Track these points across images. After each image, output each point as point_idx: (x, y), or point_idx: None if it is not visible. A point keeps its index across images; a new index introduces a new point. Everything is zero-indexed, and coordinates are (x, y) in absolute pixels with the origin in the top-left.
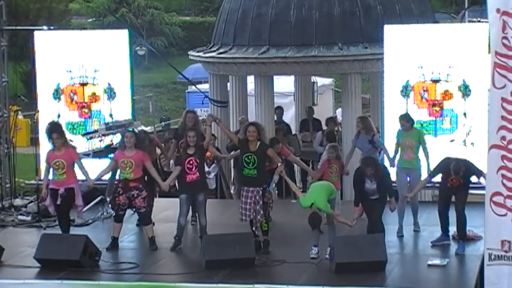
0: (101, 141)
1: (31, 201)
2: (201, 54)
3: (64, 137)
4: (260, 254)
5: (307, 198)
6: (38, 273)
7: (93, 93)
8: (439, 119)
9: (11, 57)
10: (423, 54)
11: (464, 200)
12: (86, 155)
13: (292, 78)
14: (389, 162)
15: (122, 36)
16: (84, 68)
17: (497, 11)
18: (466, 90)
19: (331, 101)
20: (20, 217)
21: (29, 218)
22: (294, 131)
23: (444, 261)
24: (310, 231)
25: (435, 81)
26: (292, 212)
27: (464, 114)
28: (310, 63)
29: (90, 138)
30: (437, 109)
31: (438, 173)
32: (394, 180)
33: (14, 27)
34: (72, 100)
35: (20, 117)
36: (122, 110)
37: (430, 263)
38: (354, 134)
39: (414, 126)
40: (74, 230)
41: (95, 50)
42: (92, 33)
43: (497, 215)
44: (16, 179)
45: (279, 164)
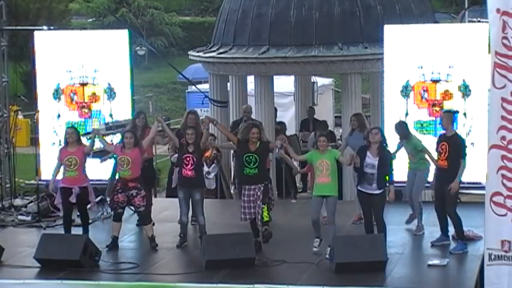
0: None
1: (31, 201)
2: (201, 54)
3: (78, 134)
4: (260, 254)
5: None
6: (38, 273)
7: (93, 93)
8: (439, 119)
9: (11, 57)
10: (423, 54)
11: (451, 202)
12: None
13: (292, 78)
14: None
15: (122, 36)
16: (84, 68)
17: (497, 11)
18: (466, 90)
19: (331, 101)
20: (20, 217)
21: (29, 218)
22: (294, 131)
23: (444, 261)
24: (310, 231)
25: (435, 81)
26: (292, 212)
27: (464, 114)
28: (310, 63)
29: (90, 139)
30: (437, 109)
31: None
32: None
33: (14, 27)
34: (72, 100)
35: (20, 117)
36: (121, 110)
37: (430, 263)
38: None
39: (411, 135)
40: (74, 230)
41: (95, 50)
42: (92, 33)
43: (497, 215)
44: (16, 179)
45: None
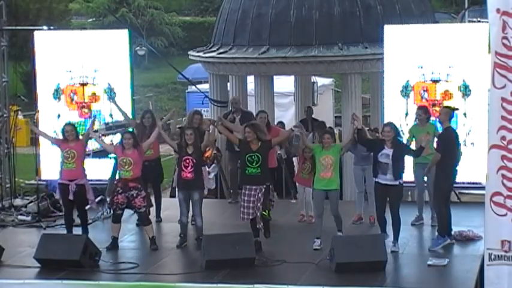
0: None
1: (31, 201)
2: (201, 54)
3: (77, 131)
4: (260, 254)
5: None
6: (38, 273)
7: (93, 93)
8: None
9: (11, 57)
10: (423, 54)
11: (441, 196)
12: (86, 155)
13: (292, 78)
14: None
15: (122, 36)
16: (84, 68)
17: (497, 11)
18: (466, 90)
19: (331, 101)
20: (20, 217)
21: (29, 218)
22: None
23: (444, 261)
24: (310, 230)
25: (435, 81)
26: (292, 212)
27: (464, 114)
28: (310, 63)
29: (90, 138)
30: (437, 109)
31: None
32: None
33: (14, 27)
34: (72, 100)
35: (20, 117)
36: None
37: (430, 263)
38: None
39: (430, 121)
40: (74, 230)
41: (95, 50)
42: (92, 33)
43: (497, 215)
44: (16, 179)
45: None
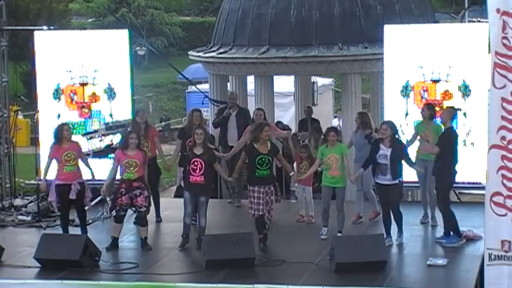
0: (101, 141)
1: (31, 201)
2: (201, 54)
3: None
4: (260, 254)
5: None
6: (38, 273)
7: (93, 93)
8: (439, 119)
9: (11, 57)
10: (423, 54)
11: (442, 195)
12: (86, 155)
13: (292, 78)
14: None
15: (122, 36)
16: (84, 68)
17: (497, 11)
18: (466, 90)
19: (331, 101)
20: (20, 217)
21: (29, 218)
22: (294, 130)
23: (444, 261)
24: (310, 230)
25: (435, 81)
26: (292, 212)
27: (464, 114)
28: (310, 63)
29: (90, 138)
30: (438, 109)
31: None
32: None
33: (14, 27)
34: (72, 100)
35: (20, 117)
36: (121, 110)
37: (430, 263)
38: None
39: (434, 118)
40: (73, 230)
41: (95, 50)
42: (92, 33)
43: (497, 215)
44: (16, 179)
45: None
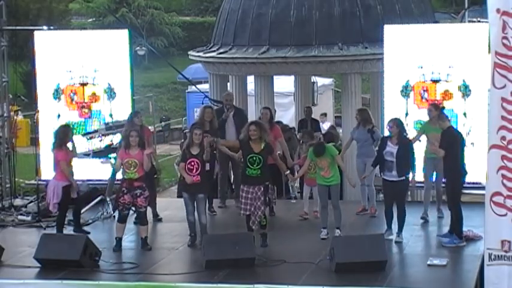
0: (101, 141)
1: (31, 201)
2: (201, 54)
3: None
4: (260, 255)
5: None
6: (38, 273)
7: (93, 93)
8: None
9: (11, 57)
10: (423, 54)
11: (452, 195)
12: (86, 155)
13: (292, 78)
14: None
15: (122, 36)
16: (84, 68)
17: (497, 11)
18: (466, 90)
19: (331, 101)
20: (20, 217)
21: (29, 218)
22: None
23: (444, 261)
24: (310, 231)
25: (435, 81)
26: (292, 212)
27: (464, 114)
28: (310, 63)
29: (90, 138)
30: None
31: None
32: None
33: (14, 27)
34: (72, 100)
35: (20, 117)
36: (121, 110)
37: (430, 263)
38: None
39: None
40: (67, 230)
41: (95, 50)
42: (92, 33)
43: (497, 215)
44: (16, 179)
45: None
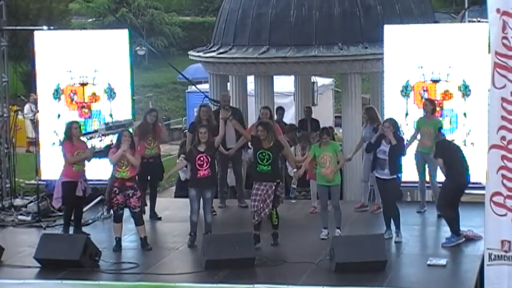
0: (101, 141)
1: (31, 201)
2: (201, 54)
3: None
4: (268, 247)
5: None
6: (38, 273)
7: (93, 93)
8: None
9: (11, 57)
10: (423, 54)
11: (442, 198)
12: None
13: (292, 78)
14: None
15: (122, 36)
16: (84, 68)
17: (497, 11)
18: (466, 90)
19: (331, 101)
20: (20, 217)
21: (29, 218)
22: None
23: (444, 261)
24: (310, 230)
25: (435, 81)
26: (292, 212)
27: (464, 114)
28: (310, 63)
29: (90, 138)
30: (438, 109)
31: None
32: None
33: (14, 27)
34: (72, 100)
35: (20, 117)
36: (121, 110)
37: (430, 263)
38: (355, 134)
39: (435, 115)
40: (73, 230)
41: (95, 50)
42: (92, 33)
43: (497, 215)
44: (16, 179)
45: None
